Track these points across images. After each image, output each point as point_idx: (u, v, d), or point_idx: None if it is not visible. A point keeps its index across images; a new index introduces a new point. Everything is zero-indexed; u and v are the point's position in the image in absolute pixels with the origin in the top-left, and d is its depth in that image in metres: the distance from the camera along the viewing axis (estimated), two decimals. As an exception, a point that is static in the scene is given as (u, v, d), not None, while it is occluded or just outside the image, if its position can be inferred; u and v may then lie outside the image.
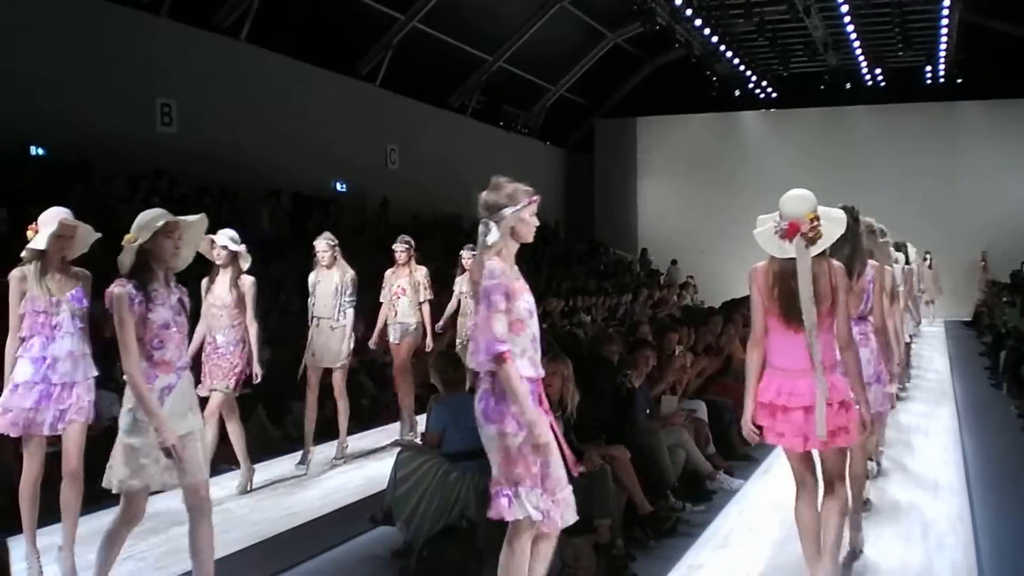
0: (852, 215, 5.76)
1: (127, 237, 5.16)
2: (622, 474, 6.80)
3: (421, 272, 10.47)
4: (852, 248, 5.89)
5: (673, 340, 9.77)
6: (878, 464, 8.56)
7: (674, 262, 28.95)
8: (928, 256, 22.71)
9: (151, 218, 5.16)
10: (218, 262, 8.01)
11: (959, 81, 26.85)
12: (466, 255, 11.28)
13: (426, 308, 10.44)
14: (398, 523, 6.58)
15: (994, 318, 21.21)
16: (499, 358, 4.53)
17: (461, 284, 11.38)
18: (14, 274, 5.98)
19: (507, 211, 4.66)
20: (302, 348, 9.34)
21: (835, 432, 5.06)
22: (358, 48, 21.54)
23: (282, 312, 13.20)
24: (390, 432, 10.54)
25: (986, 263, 27.14)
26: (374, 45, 21.71)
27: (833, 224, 5.18)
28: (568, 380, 6.61)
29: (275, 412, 10.63)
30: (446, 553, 6.20)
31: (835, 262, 5.24)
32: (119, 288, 5.08)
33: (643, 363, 8.48)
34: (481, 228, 4.68)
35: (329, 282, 9.26)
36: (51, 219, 5.92)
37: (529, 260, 23.14)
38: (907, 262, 12.43)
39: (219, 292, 8.03)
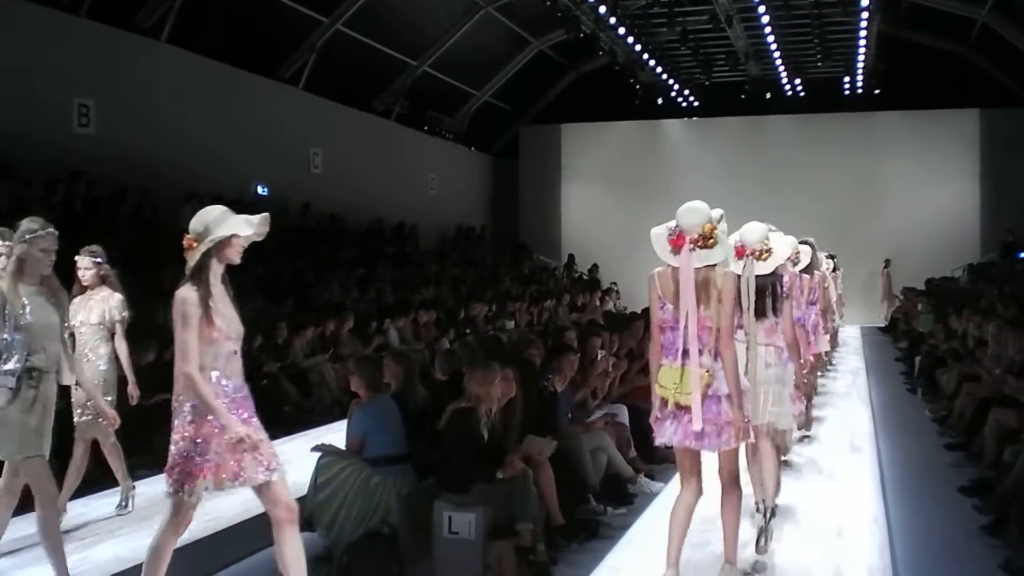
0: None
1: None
2: (541, 482, 6.80)
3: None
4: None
5: (596, 345, 9.81)
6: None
7: (596, 267, 29.14)
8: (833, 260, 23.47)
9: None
10: None
11: (877, 92, 27.33)
12: (85, 263, 7.42)
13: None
14: (319, 529, 6.54)
15: (910, 323, 21.68)
16: None
17: (78, 312, 7.32)
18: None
19: None
20: None
21: None
22: (281, 51, 21.35)
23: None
24: (311, 437, 10.43)
25: (888, 271, 27.67)
26: (297, 48, 21.54)
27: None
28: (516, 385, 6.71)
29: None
30: (367, 559, 6.18)
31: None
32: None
33: (567, 368, 8.51)
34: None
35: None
36: None
37: (456, 265, 23.13)
38: (834, 269, 14.26)
39: None
